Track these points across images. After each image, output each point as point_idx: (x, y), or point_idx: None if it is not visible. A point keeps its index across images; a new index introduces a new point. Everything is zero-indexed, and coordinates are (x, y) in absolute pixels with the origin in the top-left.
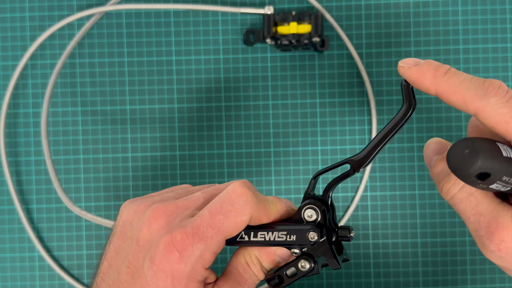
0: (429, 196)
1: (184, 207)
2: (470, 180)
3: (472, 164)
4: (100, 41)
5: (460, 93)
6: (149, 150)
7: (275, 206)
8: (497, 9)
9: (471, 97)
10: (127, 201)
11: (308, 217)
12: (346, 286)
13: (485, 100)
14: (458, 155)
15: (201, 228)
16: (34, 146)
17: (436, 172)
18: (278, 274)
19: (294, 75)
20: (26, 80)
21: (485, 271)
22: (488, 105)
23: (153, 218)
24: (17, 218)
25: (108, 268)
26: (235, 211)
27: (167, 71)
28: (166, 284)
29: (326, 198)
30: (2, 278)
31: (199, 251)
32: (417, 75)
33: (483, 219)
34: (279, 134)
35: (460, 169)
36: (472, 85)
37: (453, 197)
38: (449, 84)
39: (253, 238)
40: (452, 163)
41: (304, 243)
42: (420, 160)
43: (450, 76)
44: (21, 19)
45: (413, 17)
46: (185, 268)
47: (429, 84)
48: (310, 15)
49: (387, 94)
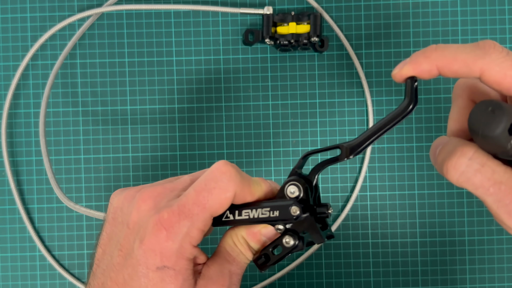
0: (428, 196)
1: (171, 189)
2: (502, 137)
3: (501, 118)
4: (100, 42)
5: (460, 58)
6: (150, 150)
7: (259, 184)
8: (496, 9)
9: (472, 58)
10: (117, 190)
11: (291, 193)
12: (346, 285)
13: (487, 58)
14: (482, 116)
15: (187, 206)
16: (35, 146)
17: (440, 159)
18: (264, 253)
19: (294, 75)
20: (27, 80)
21: (484, 271)
22: (491, 62)
23: (141, 201)
24: (18, 218)
25: (102, 254)
26: (219, 188)
27: (167, 72)
28: (156, 262)
29: (312, 178)
30: (3, 277)
31: (186, 228)
32: (412, 66)
33: (504, 187)
34: (279, 134)
35: (488, 127)
36: (469, 48)
37: (463, 172)
38: (446, 55)
39: (238, 216)
40: (477, 125)
41: (287, 218)
42: (419, 160)
43: (442, 49)
44: (22, 20)
45: (412, 18)
46: (172, 245)
47: (428, 65)
48: (309, 15)
49: (387, 94)
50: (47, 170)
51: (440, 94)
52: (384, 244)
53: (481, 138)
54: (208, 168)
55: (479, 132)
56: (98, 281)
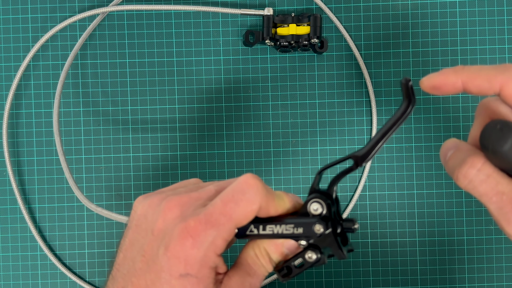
0: (427, 195)
1: (197, 198)
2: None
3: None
4: (101, 42)
5: (483, 73)
6: (150, 150)
7: (282, 199)
8: (495, 10)
9: (494, 74)
10: (140, 197)
11: (314, 210)
12: (345, 285)
13: (506, 73)
14: (492, 133)
15: (214, 215)
16: (37, 146)
17: (451, 164)
18: (287, 265)
19: (294, 76)
20: (28, 80)
21: (483, 270)
22: (510, 77)
23: (167, 209)
24: (20, 217)
25: (123, 259)
26: (245, 200)
27: (168, 72)
28: (179, 269)
29: (331, 192)
30: (5, 276)
31: (211, 237)
32: (441, 77)
33: (505, 197)
34: (279, 134)
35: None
36: (491, 67)
37: (471, 181)
38: (471, 70)
39: (262, 231)
40: (487, 141)
41: (311, 235)
42: (418, 160)
43: (469, 67)
44: (23, 20)
45: (411, 19)
46: (198, 253)
47: (454, 77)
48: (309, 17)
49: (386, 95)
50: (65, 171)
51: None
52: (383, 244)
53: (491, 153)
54: (233, 179)
55: (489, 147)
56: (118, 285)
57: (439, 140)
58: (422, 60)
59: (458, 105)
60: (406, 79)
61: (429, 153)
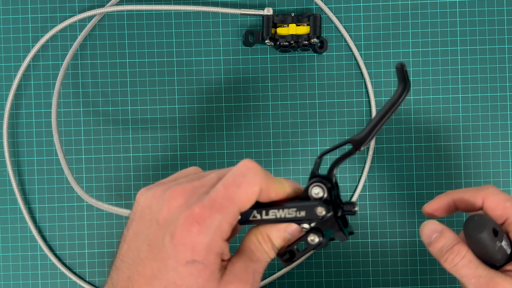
0: (426, 195)
1: (200, 186)
2: (487, 237)
3: (486, 223)
4: (101, 42)
5: (469, 191)
6: (150, 150)
7: (282, 183)
8: (495, 10)
9: (477, 190)
10: (142, 189)
11: (315, 194)
12: (345, 284)
13: (487, 189)
14: (472, 221)
15: (217, 200)
16: (37, 146)
17: (438, 247)
18: (289, 250)
19: (294, 76)
20: (28, 80)
21: None
22: (490, 193)
23: (172, 198)
24: (20, 217)
25: (127, 250)
26: (246, 182)
27: (168, 72)
28: (186, 256)
29: (331, 176)
30: (5, 276)
31: (217, 222)
32: (437, 201)
33: (482, 280)
34: (279, 134)
35: (478, 229)
36: (475, 187)
37: (456, 265)
38: (460, 191)
39: (265, 216)
40: (470, 229)
41: (313, 218)
42: (418, 160)
43: (456, 190)
44: (23, 21)
45: (411, 19)
46: (204, 239)
47: (448, 198)
48: (308, 17)
49: (386, 95)
50: (64, 168)
51: (438, 95)
52: (383, 244)
53: (473, 241)
54: (233, 166)
55: (472, 236)
56: (123, 275)
57: (439, 140)
58: (422, 60)
59: (458, 105)
60: (401, 63)
61: (429, 153)
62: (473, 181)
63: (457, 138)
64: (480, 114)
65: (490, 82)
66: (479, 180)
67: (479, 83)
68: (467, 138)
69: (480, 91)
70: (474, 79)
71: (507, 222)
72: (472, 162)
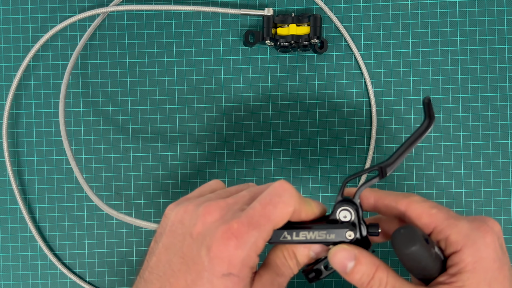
0: (426, 195)
1: (234, 203)
2: (420, 249)
3: (416, 233)
4: (101, 43)
5: (392, 195)
6: (150, 150)
7: (310, 204)
8: (495, 10)
9: (401, 196)
10: (171, 205)
11: (344, 217)
12: (345, 285)
13: (411, 198)
14: (399, 235)
15: (254, 218)
16: (37, 146)
17: (357, 277)
18: (316, 268)
19: (294, 76)
20: (28, 81)
21: None
22: (414, 201)
23: (207, 213)
24: (20, 218)
25: (157, 262)
26: (282, 202)
27: (168, 72)
28: (222, 270)
29: (356, 200)
30: (5, 276)
31: (254, 238)
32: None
33: None
34: (279, 134)
35: (409, 243)
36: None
37: None
38: (382, 192)
39: (295, 237)
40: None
41: (342, 241)
42: (418, 160)
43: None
44: (23, 21)
45: (411, 19)
46: (241, 253)
47: (368, 194)
48: (309, 17)
49: (386, 95)
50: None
51: (438, 95)
52: (383, 244)
53: (406, 257)
54: (266, 185)
55: (403, 251)
56: (153, 286)
57: (439, 140)
58: (423, 60)
59: (458, 105)
60: (428, 98)
61: (429, 153)
62: (473, 181)
63: (457, 138)
64: (480, 114)
65: (490, 82)
66: (479, 180)
67: (479, 83)
68: (467, 138)
69: (480, 91)
70: (474, 79)
71: (435, 231)
72: (472, 162)
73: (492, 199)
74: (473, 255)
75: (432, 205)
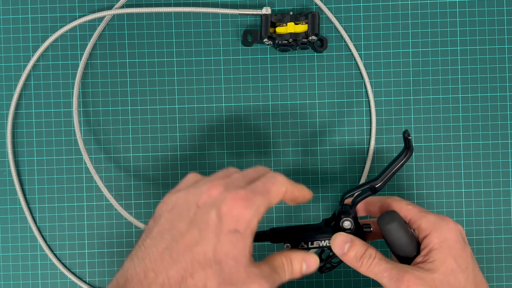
0: (426, 195)
1: (232, 182)
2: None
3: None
4: (101, 43)
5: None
6: (150, 150)
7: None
8: (495, 10)
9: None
10: (168, 194)
11: (346, 226)
12: (345, 285)
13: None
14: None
15: (257, 189)
16: (37, 146)
17: (352, 255)
18: (327, 263)
19: (294, 76)
20: (28, 81)
21: (483, 270)
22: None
23: (212, 187)
24: (20, 217)
25: (161, 230)
26: (278, 183)
27: (168, 72)
28: (230, 226)
29: (354, 211)
30: (5, 276)
31: (259, 202)
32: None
33: (394, 272)
34: (279, 134)
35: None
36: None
37: (370, 266)
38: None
39: (310, 245)
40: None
41: None
42: (418, 160)
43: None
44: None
45: (411, 19)
46: (248, 213)
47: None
48: (307, 15)
49: (386, 95)
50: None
51: (438, 95)
52: (383, 244)
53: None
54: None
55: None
56: (157, 248)
57: (439, 140)
58: (422, 60)
59: (458, 105)
60: (407, 132)
61: (428, 153)
62: (473, 181)
63: (457, 138)
64: (480, 114)
65: (490, 82)
66: (480, 180)
67: (479, 83)
68: (467, 138)
69: (480, 91)
70: (474, 79)
71: (411, 221)
72: (472, 162)
73: (492, 199)
74: (439, 237)
75: (408, 203)
